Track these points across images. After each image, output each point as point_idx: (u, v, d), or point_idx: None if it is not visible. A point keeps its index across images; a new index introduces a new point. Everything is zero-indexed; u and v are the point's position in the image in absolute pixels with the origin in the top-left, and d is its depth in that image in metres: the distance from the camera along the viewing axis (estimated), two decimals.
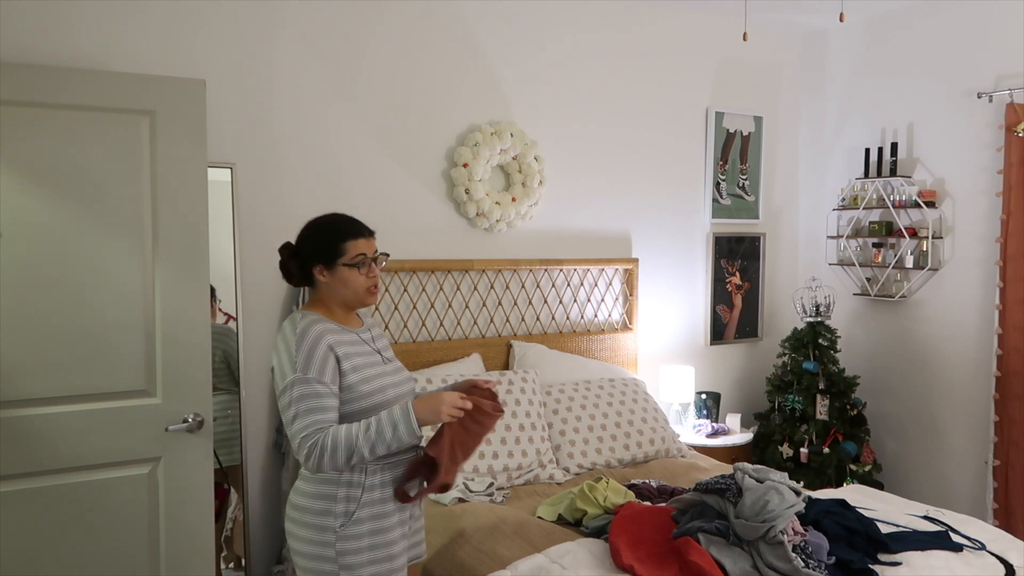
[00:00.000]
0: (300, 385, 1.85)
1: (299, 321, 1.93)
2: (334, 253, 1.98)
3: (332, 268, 1.98)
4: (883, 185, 4.19)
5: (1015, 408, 3.67)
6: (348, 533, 1.91)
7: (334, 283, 1.99)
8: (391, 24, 3.42)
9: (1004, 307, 3.69)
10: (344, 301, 2.02)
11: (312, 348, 1.88)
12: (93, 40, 2.81)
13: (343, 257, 1.98)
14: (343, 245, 1.98)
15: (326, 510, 1.92)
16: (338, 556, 1.91)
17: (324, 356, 1.89)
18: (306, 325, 1.92)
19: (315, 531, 1.93)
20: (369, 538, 1.94)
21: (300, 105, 3.24)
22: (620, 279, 4.09)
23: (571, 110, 3.91)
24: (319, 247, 1.99)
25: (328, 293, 2.01)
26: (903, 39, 4.18)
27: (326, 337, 1.92)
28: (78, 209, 2.43)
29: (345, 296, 2.01)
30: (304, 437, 1.82)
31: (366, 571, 1.93)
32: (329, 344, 1.91)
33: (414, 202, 3.51)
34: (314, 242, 2.00)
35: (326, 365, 1.89)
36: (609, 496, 2.66)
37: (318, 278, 2.00)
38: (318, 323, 1.94)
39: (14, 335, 2.34)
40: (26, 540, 2.38)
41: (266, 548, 3.22)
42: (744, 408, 4.52)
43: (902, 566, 2.25)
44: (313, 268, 1.99)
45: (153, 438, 2.53)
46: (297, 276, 2.02)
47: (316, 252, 1.99)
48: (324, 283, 2.00)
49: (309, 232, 2.03)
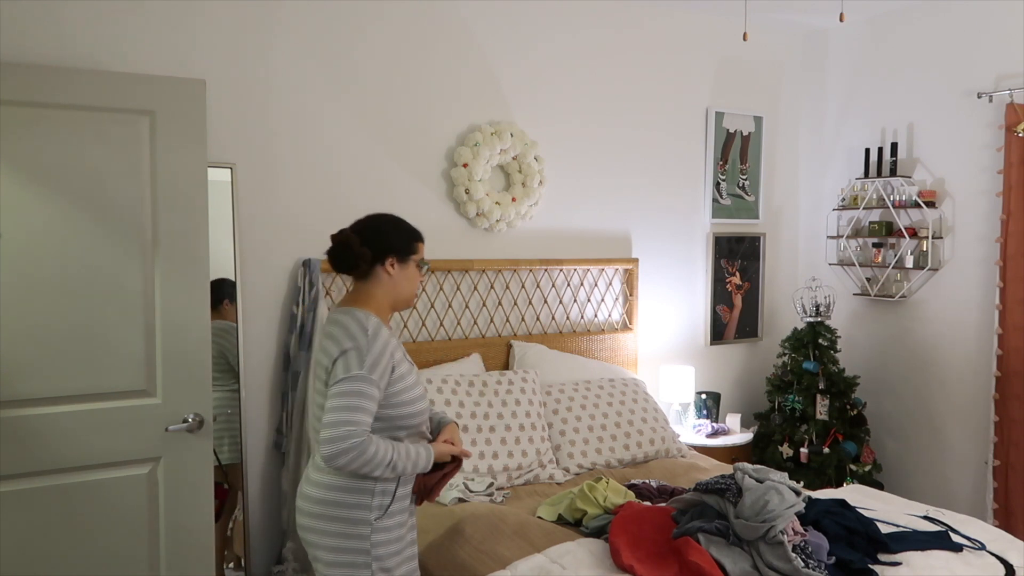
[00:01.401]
0: (363, 383, 1.87)
1: (366, 321, 1.94)
2: (410, 250, 2.05)
3: (404, 263, 2.04)
4: (883, 185, 4.19)
5: (1015, 408, 3.67)
6: (383, 526, 1.94)
7: (399, 278, 2.03)
8: (391, 24, 3.42)
9: (1004, 307, 3.69)
10: (396, 298, 2.06)
11: (380, 352, 1.92)
12: (93, 40, 2.81)
13: (416, 255, 2.06)
14: (416, 244, 2.07)
15: (361, 503, 1.93)
16: (373, 548, 1.93)
17: (386, 364, 1.93)
18: (375, 327, 1.94)
19: (348, 524, 1.93)
20: (398, 531, 1.99)
21: (300, 105, 3.24)
22: (620, 279, 4.09)
23: (571, 110, 3.91)
24: (399, 241, 2.04)
25: (387, 289, 2.03)
26: (903, 39, 4.18)
27: (390, 344, 1.96)
28: (78, 209, 2.42)
29: (401, 293, 2.05)
30: (349, 432, 1.82)
31: (393, 562, 1.97)
32: (391, 351, 1.96)
33: (414, 202, 3.51)
34: (395, 236, 2.04)
35: (385, 372, 1.93)
36: (609, 496, 2.66)
37: (386, 271, 2.02)
38: (382, 328, 1.97)
39: (14, 335, 2.34)
40: (26, 540, 2.38)
41: (266, 548, 3.22)
42: (744, 408, 4.52)
43: (902, 566, 2.25)
44: (386, 260, 2.01)
45: (153, 438, 2.53)
46: (365, 265, 2.00)
47: (396, 245, 2.03)
48: (388, 277, 2.02)
49: (388, 224, 2.06)
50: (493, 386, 3.32)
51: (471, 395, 3.24)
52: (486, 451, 3.12)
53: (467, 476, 3.03)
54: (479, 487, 2.96)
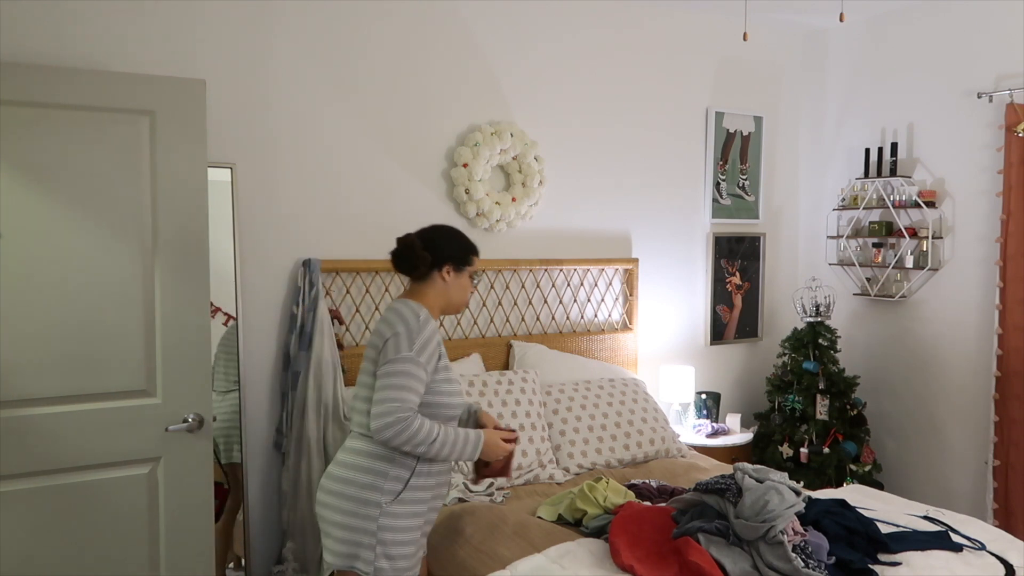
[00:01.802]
0: (412, 364, 2.05)
1: (419, 311, 2.14)
2: (466, 261, 2.26)
3: (460, 272, 2.25)
4: (883, 185, 4.19)
5: (1015, 408, 3.67)
6: (392, 511, 2.06)
7: (453, 285, 2.24)
8: (391, 24, 3.42)
9: (1004, 307, 3.69)
10: (448, 302, 2.26)
11: (429, 339, 2.11)
12: (93, 40, 2.81)
13: (470, 267, 2.28)
14: (473, 257, 2.29)
15: (373, 485, 2.06)
16: (379, 531, 2.04)
17: (433, 351, 2.12)
18: (427, 317, 2.15)
19: (359, 504, 2.06)
20: (407, 520, 2.09)
21: (300, 105, 3.24)
22: (620, 279, 4.09)
23: (571, 110, 3.91)
24: (459, 251, 2.26)
25: (440, 292, 2.23)
26: (903, 39, 4.18)
27: (437, 334, 2.17)
28: (78, 209, 2.42)
29: (453, 299, 2.26)
30: (397, 407, 2.00)
31: (397, 551, 2.07)
32: (438, 341, 2.16)
33: (414, 202, 3.51)
34: (456, 245, 2.26)
35: (432, 358, 2.11)
36: (609, 496, 2.66)
37: (442, 276, 2.22)
38: (432, 320, 2.17)
39: (14, 335, 2.34)
40: (26, 540, 2.38)
41: (266, 548, 3.22)
42: (744, 408, 4.52)
43: (902, 566, 2.25)
44: (443, 267, 2.21)
45: (153, 438, 2.53)
46: (424, 267, 2.19)
47: (454, 254, 2.24)
48: (443, 283, 2.23)
49: (446, 235, 2.28)
50: (493, 386, 3.32)
51: (471, 395, 3.24)
52: None
53: (467, 476, 3.03)
54: (479, 487, 2.96)
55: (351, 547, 2.05)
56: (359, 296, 3.38)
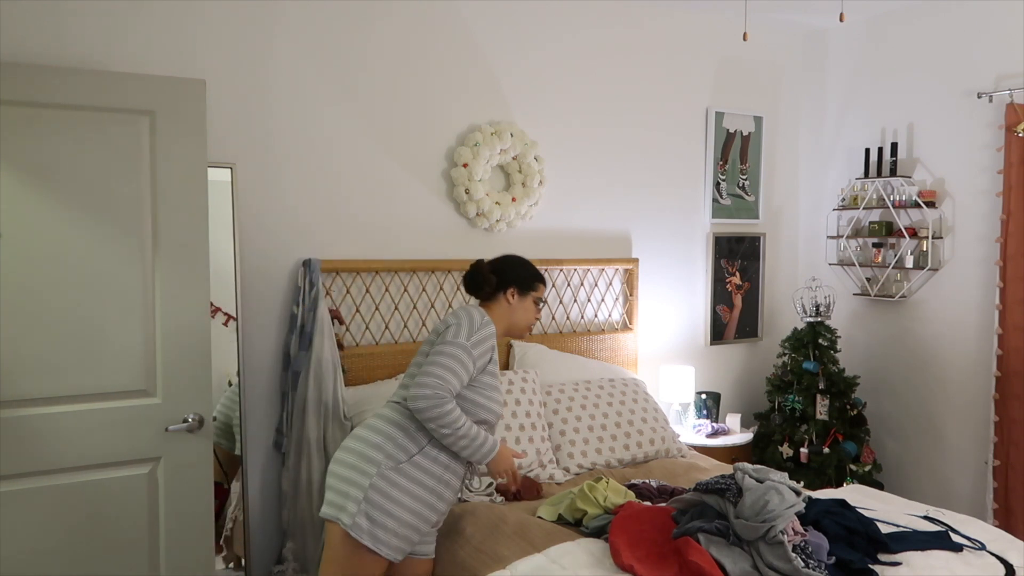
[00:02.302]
0: (464, 352, 2.23)
1: (483, 316, 2.34)
2: (530, 287, 2.48)
3: (524, 296, 2.46)
4: (883, 185, 4.19)
5: (1015, 408, 3.67)
6: (388, 476, 2.16)
7: (517, 307, 2.46)
8: (391, 24, 3.42)
9: (1004, 307, 3.69)
10: (511, 324, 2.47)
11: (485, 339, 2.29)
12: (93, 40, 2.81)
13: (535, 292, 2.49)
14: (538, 284, 2.51)
15: (379, 446, 2.19)
16: (369, 488, 2.14)
17: (485, 351, 2.30)
18: (488, 322, 2.34)
19: (361, 459, 2.18)
20: (399, 493, 2.17)
21: (300, 105, 3.24)
22: (620, 279, 4.09)
23: (571, 110, 3.91)
24: (523, 276, 2.47)
25: (504, 313, 2.45)
26: (903, 39, 4.18)
27: (494, 339, 2.34)
28: (78, 209, 2.42)
29: (516, 320, 2.47)
30: (440, 385, 2.15)
31: (380, 517, 2.14)
32: (492, 346, 2.33)
33: (414, 202, 3.51)
34: (521, 271, 2.48)
35: (483, 356, 2.28)
36: (609, 496, 2.66)
37: (507, 298, 2.44)
38: (493, 326, 2.35)
39: (14, 335, 2.34)
40: (26, 540, 2.38)
41: (266, 548, 3.22)
42: (744, 408, 4.52)
43: (902, 566, 2.25)
44: (508, 289, 2.44)
45: (153, 438, 2.53)
46: (489, 288, 2.43)
47: (519, 279, 2.46)
48: (507, 305, 2.45)
49: (515, 263, 2.51)
50: None
51: None
52: None
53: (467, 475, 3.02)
54: (479, 487, 2.96)
55: (341, 498, 2.16)
56: (359, 296, 3.39)
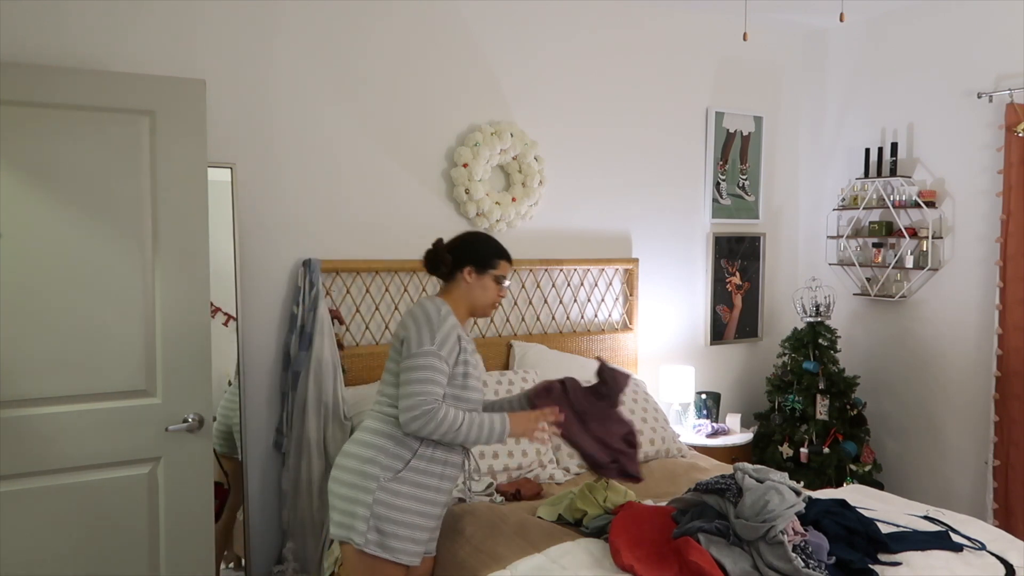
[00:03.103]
0: (433, 358, 2.15)
1: (441, 307, 2.23)
2: (488, 264, 2.34)
3: (481, 275, 2.33)
4: (883, 185, 4.19)
5: (1015, 408, 3.67)
6: (389, 487, 2.15)
7: (475, 287, 2.32)
8: (391, 24, 3.42)
9: (1004, 307, 3.69)
10: (472, 305, 2.35)
11: (449, 333, 2.20)
12: (93, 40, 2.81)
13: (494, 270, 2.35)
14: (498, 261, 2.36)
15: (374, 459, 2.17)
16: (374, 504, 2.13)
17: (453, 343, 2.21)
18: (447, 313, 2.23)
19: (359, 476, 2.16)
20: (404, 500, 2.16)
21: (300, 105, 3.24)
22: (620, 279, 4.09)
23: (571, 110, 3.91)
24: (478, 254, 2.34)
25: (464, 293, 2.33)
26: (903, 39, 4.18)
27: (457, 328, 2.24)
28: (78, 209, 2.42)
29: (477, 300, 2.34)
30: (422, 400, 2.11)
31: (390, 529, 2.14)
32: (458, 335, 2.23)
33: (414, 202, 3.51)
34: (476, 249, 2.35)
35: (453, 351, 2.21)
36: (609, 496, 2.66)
37: (464, 278, 2.32)
38: (452, 315, 2.24)
39: (14, 335, 2.34)
40: (26, 540, 2.38)
41: (266, 548, 3.22)
42: (744, 408, 4.52)
43: (902, 566, 2.25)
44: (464, 268, 2.31)
45: (153, 438, 2.53)
46: (446, 268, 2.32)
47: (474, 256, 2.33)
48: (466, 284, 2.32)
49: (472, 239, 2.40)
50: (493, 386, 3.31)
51: None
52: (486, 451, 3.11)
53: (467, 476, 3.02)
54: (479, 487, 2.96)
55: (348, 518, 2.15)
56: (359, 296, 3.39)
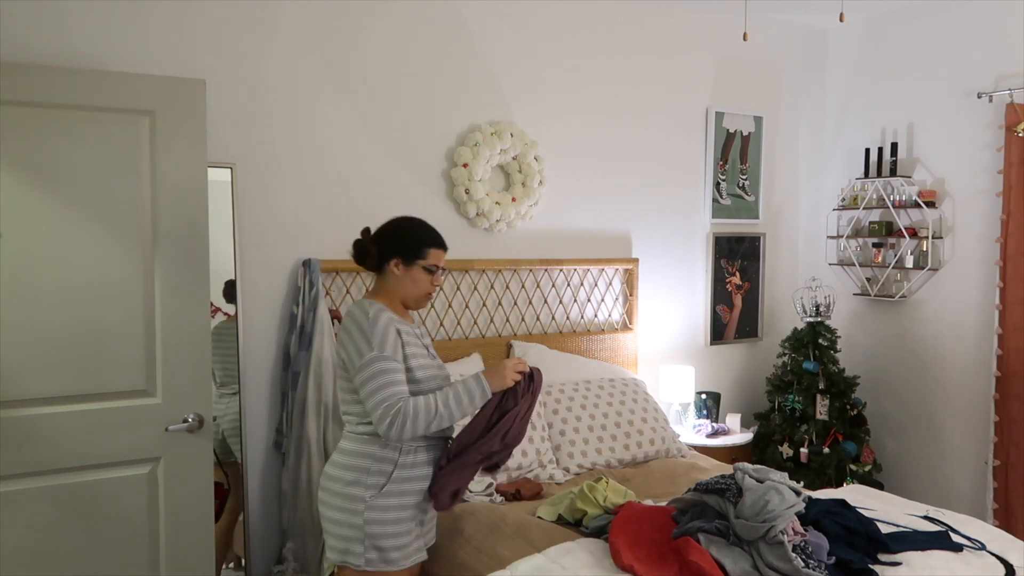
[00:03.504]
0: (380, 362, 2.06)
1: (369, 308, 2.12)
2: (415, 254, 2.19)
3: (409, 266, 2.19)
4: (883, 185, 4.19)
5: (1015, 408, 3.67)
6: (377, 504, 2.09)
7: (404, 279, 2.20)
8: (391, 24, 3.42)
9: (1004, 307, 3.69)
10: (404, 297, 2.22)
11: (385, 330, 2.09)
12: (93, 40, 2.80)
13: (422, 260, 2.20)
14: (426, 250, 2.21)
15: (356, 480, 2.10)
16: (365, 525, 2.08)
17: (395, 339, 2.11)
18: (377, 311, 2.11)
19: (345, 500, 2.10)
20: (395, 512, 2.12)
21: (300, 105, 3.24)
22: (620, 279, 4.09)
23: (571, 110, 3.91)
24: (404, 244, 2.20)
25: (394, 286, 2.21)
26: (903, 39, 4.18)
27: (394, 322, 2.13)
28: (78, 209, 2.42)
29: (407, 293, 2.21)
30: (387, 407, 2.03)
31: (388, 543, 2.10)
32: (397, 329, 2.13)
33: (414, 202, 3.51)
34: (401, 238, 2.21)
35: (397, 346, 2.11)
36: (609, 496, 2.66)
37: (392, 270, 2.19)
38: (385, 311, 2.13)
39: (14, 335, 2.34)
40: (26, 540, 2.38)
41: (266, 548, 3.22)
42: (744, 408, 4.52)
43: (902, 566, 2.25)
44: (391, 260, 2.18)
45: (153, 438, 2.53)
46: (373, 261, 2.19)
47: (399, 247, 2.19)
48: (395, 276, 2.19)
49: (399, 227, 2.24)
50: None
51: None
52: None
53: None
54: (479, 487, 2.96)
55: (343, 542, 2.11)
56: (359, 296, 3.38)
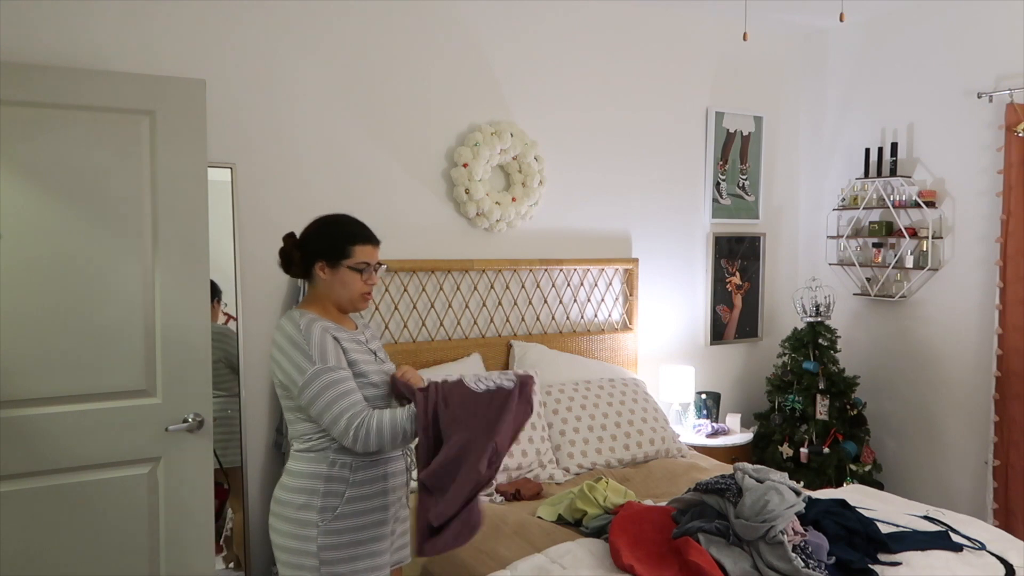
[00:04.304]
0: (325, 374, 1.89)
1: (299, 319, 1.95)
2: (340, 254, 2.00)
3: (335, 267, 2.00)
4: (883, 185, 4.19)
5: (1015, 408, 3.67)
6: (331, 528, 1.93)
7: (333, 282, 2.01)
8: (391, 24, 3.42)
9: (1004, 307, 3.69)
10: (338, 301, 2.04)
11: (322, 341, 1.92)
12: (93, 40, 2.80)
13: (348, 260, 2.00)
14: (351, 248, 2.01)
15: (308, 504, 1.94)
16: (319, 551, 1.92)
17: (334, 346, 1.94)
18: (308, 322, 1.94)
19: (297, 525, 1.94)
20: (351, 534, 1.95)
21: (300, 105, 3.24)
22: (620, 279, 4.09)
23: (571, 110, 3.91)
24: (327, 245, 2.01)
25: (325, 291, 2.03)
26: (903, 39, 4.18)
27: (329, 331, 1.96)
28: (78, 209, 2.42)
29: (340, 297, 2.03)
30: (350, 418, 1.87)
31: (345, 568, 1.94)
32: (333, 336, 1.96)
33: (414, 202, 3.51)
34: (323, 239, 2.02)
35: (339, 354, 1.94)
36: (609, 496, 2.66)
37: (318, 274, 2.02)
38: (318, 320, 1.97)
39: (14, 335, 2.34)
40: (26, 540, 2.38)
41: (266, 548, 3.22)
42: (744, 408, 4.52)
43: (902, 566, 2.25)
44: (315, 264, 2.01)
45: (153, 438, 2.52)
46: (298, 267, 2.03)
47: (322, 249, 2.01)
48: (323, 280, 2.02)
49: (320, 228, 2.04)
50: None
51: None
52: None
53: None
54: None
55: (296, 571, 1.94)
56: None
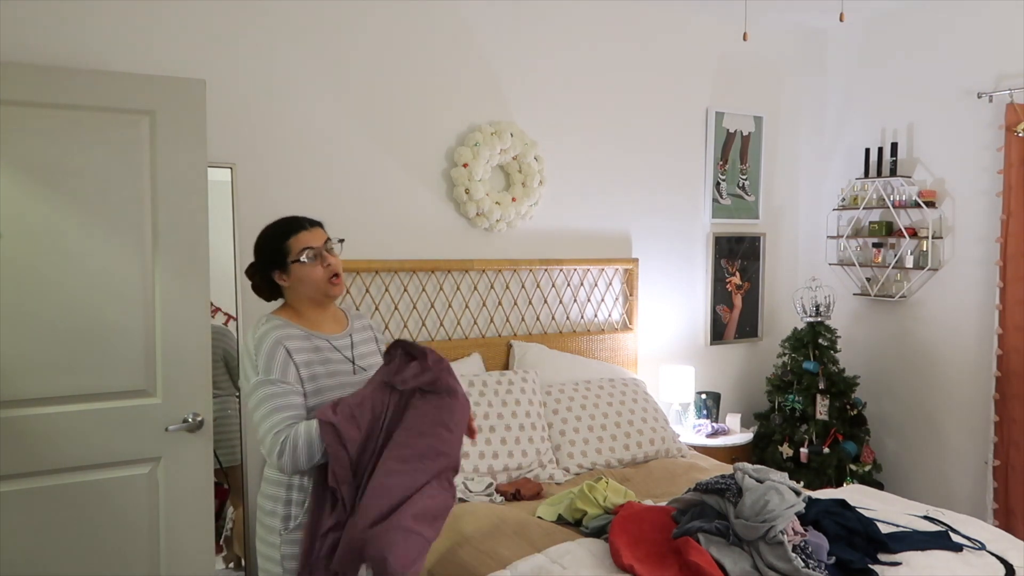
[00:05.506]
0: (265, 387, 1.88)
1: (261, 327, 1.96)
2: (281, 255, 1.99)
3: (286, 270, 2.00)
4: (883, 185, 4.19)
5: (1015, 408, 3.67)
6: (291, 539, 1.93)
7: (294, 284, 2.01)
8: (391, 24, 3.42)
9: (1004, 307, 3.69)
10: (311, 298, 2.03)
11: (271, 351, 1.90)
12: (93, 40, 2.80)
13: (291, 255, 1.98)
14: (287, 244, 1.99)
15: (273, 512, 1.95)
16: (282, 560, 1.93)
17: (284, 359, 1.91)
18: (265, 331, 1.94)
19: (266, 531, 1.96)
20: None
21: (300, 105, 3.24)
22: (620, 279, 4.09)
23: (571, 110, 3.91)
24: (268, 254, 2.02)
25: (294, 295, 2.03)
26: (903, 39, 4.18)
27: (284, 342, 1.93)
28: (78, 209, 2.42)
29: (309, 293, 2.01)
30: (276, 434, 1.84)
31: None
32: (286, 348, 1.92)
33: (414, 202, 3.51)
34: (263, 252, 2.03)
35: (287, 367, 1.91)
36: (609, 496, 2.66)
37: (280, 284, 2.02)
38: (277, 329, 1.95)
39: (14, 335, 2.34)
40: (26, 540, 2.38)
41: None
42: (744, 408, 4.52)
43: (902, 566, 2.25)
44: (272, 274, 2.02)
45: (153, 438, 2.52)
46: (266, 289, 2.05)
47: (268, 260, 2.02)
48: (287, 287, 2.02)
49: (258, 244, 2.05)
50: (493, 386, 3.32)
51: (471, 395, 3.24)
52: (486, 451, 3.12)
53: (467, 476, 3.03)
54: (479, 487, 2.96)
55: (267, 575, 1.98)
56: (359, 296, 3.38)
